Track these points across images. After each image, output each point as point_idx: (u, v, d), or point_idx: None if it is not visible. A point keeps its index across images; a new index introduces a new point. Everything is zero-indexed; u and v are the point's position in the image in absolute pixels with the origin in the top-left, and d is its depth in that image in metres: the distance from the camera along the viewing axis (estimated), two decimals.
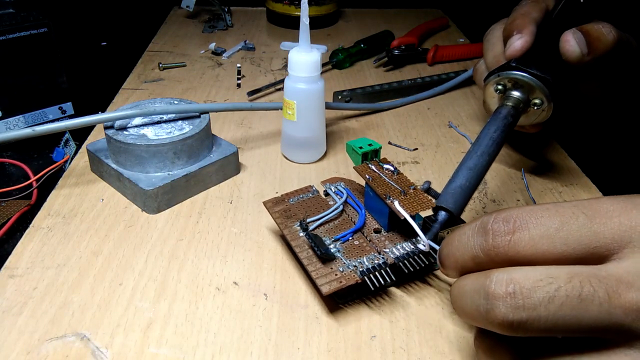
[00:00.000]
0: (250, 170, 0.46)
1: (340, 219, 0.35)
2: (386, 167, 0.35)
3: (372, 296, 0.33)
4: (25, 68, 0.51)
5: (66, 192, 0.42)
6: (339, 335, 0.31)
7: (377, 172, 0.35)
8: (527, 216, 0.23)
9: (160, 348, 0.30)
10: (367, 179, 0.35)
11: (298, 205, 0.36)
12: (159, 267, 0.35)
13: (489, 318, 0.22)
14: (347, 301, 0.33)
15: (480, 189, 0.45)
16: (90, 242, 0.37)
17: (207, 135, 0.44)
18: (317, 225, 0.34)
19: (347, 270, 0.31)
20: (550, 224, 0.22)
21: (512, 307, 0.21)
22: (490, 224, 0.23)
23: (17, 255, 0.36)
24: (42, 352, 0.29)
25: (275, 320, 0.32)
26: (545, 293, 0.21)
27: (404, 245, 0.33)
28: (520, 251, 0.22)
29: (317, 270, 0.31)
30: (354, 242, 0.33)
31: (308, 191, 0.37)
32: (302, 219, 0.34)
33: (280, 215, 0.35)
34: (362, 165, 0.36)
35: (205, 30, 0.80)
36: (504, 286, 0.22)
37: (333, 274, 0.31)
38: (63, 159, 0.50)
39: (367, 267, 0.31)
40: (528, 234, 0.22)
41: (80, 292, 0.33)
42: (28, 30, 0.50)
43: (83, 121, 0.41)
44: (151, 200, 0.40)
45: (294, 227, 0.34)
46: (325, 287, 0.30)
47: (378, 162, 0.36)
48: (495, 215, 0.24)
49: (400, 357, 0.30)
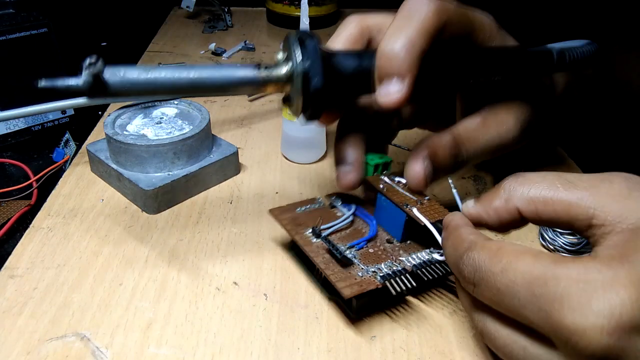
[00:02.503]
0: (250, 170, 0.46)
1: (351, 229, 0.35)
2: (397, 179, 0.35)
3: (389, 307, 0.33)
4: (25, 68, 0.51)
5: (66, 192, 0.43)
6: (339, 335, 0.31)
7: (390, 183, 0.34)
8: (487, 268, 0.24)
9: (160, 348, 0.30)
10: (381, 189, 0.34)
11: (306, 215, 0.36)
12: (159, 267, 0.35)
13: None
14: (362, 315, 0.32)
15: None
16: (90, 242, 0.37)
17: (207, 135, 0.44)
18: (329, 233, 0.34)
19: (367, 275, 0.30)
20: (504, 280, 0.23)
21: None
22: (460, 267, 0.26)
23: (17, 256, 0.36)
24: (42, 352, 0.29)
25: (275, 320, 0.32)
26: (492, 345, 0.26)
27: (418, 254, 0.32)
28: (484, 300, 0.25)
29: (336, 274, 0.30)
30: (369, 250, 0.33)
31: (314, 202, 0.37)
32: (315, 225, 0.34)
33: (289, 222, 0.35)
34: (375, 177, 0.35)
35: (206, 30, 0.80)
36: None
37: (352, 278, 0.30)
38: (63, 159, 0.50)
39: (386, 272, 0.31)
40: (481, 292, 0.25)
41: (80, 292, 0.33)
42: (28, 30, 0.50)
43: None
44: (151, 200, 0.40)
45: (306, 234, 0.33)
46: (346, 289, 0.29)
47: (389, 175, 0.35)
48: (464, 259, 0.26)
49: (400, 357, 0.30)
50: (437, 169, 0.33)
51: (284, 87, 0.30)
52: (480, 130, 0.34)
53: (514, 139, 0.35)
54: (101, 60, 0.26)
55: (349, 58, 0.30)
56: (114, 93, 0.27)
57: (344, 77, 0.30)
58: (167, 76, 0.28)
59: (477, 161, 0.35)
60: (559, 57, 0.35)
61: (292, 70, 0.29)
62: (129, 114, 0.45)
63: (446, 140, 0.33)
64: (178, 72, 0.28)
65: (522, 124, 0.35)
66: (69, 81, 0.26)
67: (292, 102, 0.31)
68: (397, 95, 0.28)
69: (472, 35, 0.33)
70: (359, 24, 0.33)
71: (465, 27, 0.32)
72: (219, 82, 0.29)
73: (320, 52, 0.28)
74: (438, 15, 0.29)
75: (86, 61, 0.25)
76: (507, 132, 0.35)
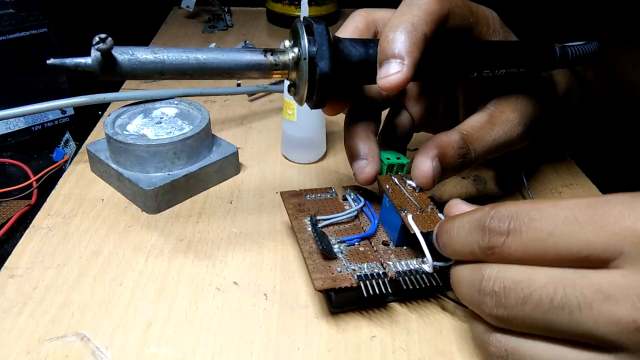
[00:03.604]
0: (250, 170, 0.46)
1: (351, 224, 0.35)
2: (409, 182, 0.34)
3: (368, 308, 0.33)
4: (25, 68, 0.51)
5: (66, 192, 0.42)
6: (339, 335, 0.31)
7: (398, 185, 0.34)
8: (522, 217, 0.23)
9: (160, 348, 0.30)
10: (387, 189, 0.34)
11: (314, 202, 0.36)
12: (159, 267, 0.35)
13: (480, 309, 0.24)
14: (341, 310, 0.32)
15: (480, 189, 0.45)
16: (90, 242, 0.37)
17: (207, 135, 0.44)
18: (327, 225, 0.34)
19: (345, 272, 0.31)
20: (543, 227, 0.22)
21: (497, 304, 0.23)
22: (487, 223, 0.24)
23: (17, 256, 0.36)
24: (42, 352, 0.29)
25: (275, 320, 0.32)
26: (519, 295, 0.22)
27: (409, 262, 0.32)
28: (513, 254, 0.23)
29: (315, 265, 0.31)
30: (359, 248, 0.33)
31: (327, 192, 0.37)
32: (313, 214, 0.34)
33: (293, 207, 0.35)
34: (386, 176, 0.35)
35: (206, 30, 0.80)
36: (492, 284, 0.23)
37: (330, 272, 0.30)
38: (63, 159, 0.50)
39: (365, 273, 0.31)
40: (520, 238, 0.23)
41: (80, 292, 0.33)
42: (28, 30, 0.50)
43: None
44: (151, 200, 0.40)
45: (304, 221, 0.34)
46: (318, 282, 0.29)
47: (402, 177, 0.35)
48: (493, 213, 0.24)
49: (400, 357, 0.30)
50: (445, 168, 0.33)
51: (290, 73, 0.30)
52: (488, 128, 0.34)
53: (519, 137, 0.35)
54: (110, 38, 0.26)
55: (356, 45, 0.31)
56: (123, 72, 0.27)
57: (350, 63, 0.30)
58: (175, 57, 0.28)
59: (484, 160, 0.35)
60: (562, 53, 0.35)
61: (299, 55, 0.29)
62: (129, 114, 0.45)
63: (455, 139, 0.33)
64: (186, 54, 0.28)
65: (527, 122, 0.35)
66: (78, 60, 0.26)
67: (298, 89, 0.31)
68: (396, 77, 0.28)
69: (475, 28, 0.33)
70: (366, 18, 0.33)
71: (469, 19, 0.32)
72: (227, 65, 0.29)
73: (328, 37, 0.29)
74: (441, 4, 0.30)
75: (95, 38, 0.25)
76: (512, 129, 0.35)
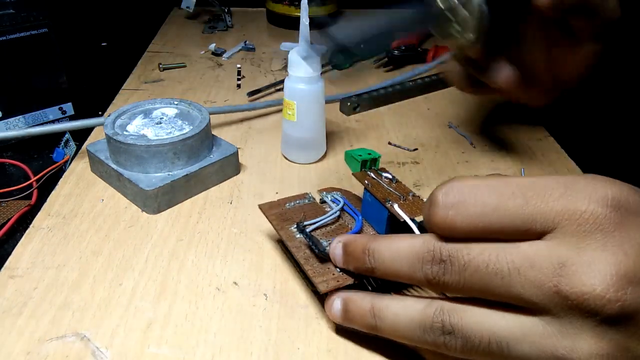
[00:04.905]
0: (250, 171, 0.46)
1: (336, 224, 0.35)
2: (385, 175, 0.35)
3: None
4: (25, 68, 0.51)
5: (66, 192, 0.43)
6: (339, 335, 0.31)
7: (376, 179, 0.35)
8: (467, 192, 0.24)
9: (160, 348, 0.30)
10: (366, 184, 0.35)
11: (294, 210, 0.36)
12: (159, 267, 0.35)
13: (427, 278, 0.25)
14: None
15: None
16: (90, 242, 0.37)
17: (207, 136, 0.44)
18: (314, 229, 0.34)
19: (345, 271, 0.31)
20: (488, 201, 0.24)
21: (444, 271, 0.24)
22: (435, 195, 0.25)
23: (17, 256, 0.36)
24: (42, 352, 0.29)
25: (275, 320, 0.32)
26: (461, 262, 0.24)
27: None
28: (458, 226, 0.24)
29: (314, 269, 0.31)
30: None
31: (304, 197, 0.37)
32: (300, 221, 0.34)
33: (276, 217, 0.35)
34: (361, 172, 0.36)
35: (206, 30, 0.80)
36: (440, 253, 0.25)
37: (330, 274, 0.31)
38: (63, 160, 0.50)
39: None
40: (465, 211, 0.24)
41: (80, 292, 0.33)
42: (28, 30, 0.51)
43: None
44: (151, 200, 0.40)
45: (291, 229, 0.34)
46: (322, 285, 0.30)
47: (377, 171, 0.36)
48: (441, 185, 0.25)
49: (401, 357, 0.30)
50: None
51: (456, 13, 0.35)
52: None
53: None
54: None
55: None
56: None
57: None
58: None
59: None
60: None
61: None
62: (129, 114, 0.45)
63: None
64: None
65: None
66: None
67: (462, 25, 0.35)
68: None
69: None
70: None
71: None
72: None
73: None
74: None
75: None
76: None
